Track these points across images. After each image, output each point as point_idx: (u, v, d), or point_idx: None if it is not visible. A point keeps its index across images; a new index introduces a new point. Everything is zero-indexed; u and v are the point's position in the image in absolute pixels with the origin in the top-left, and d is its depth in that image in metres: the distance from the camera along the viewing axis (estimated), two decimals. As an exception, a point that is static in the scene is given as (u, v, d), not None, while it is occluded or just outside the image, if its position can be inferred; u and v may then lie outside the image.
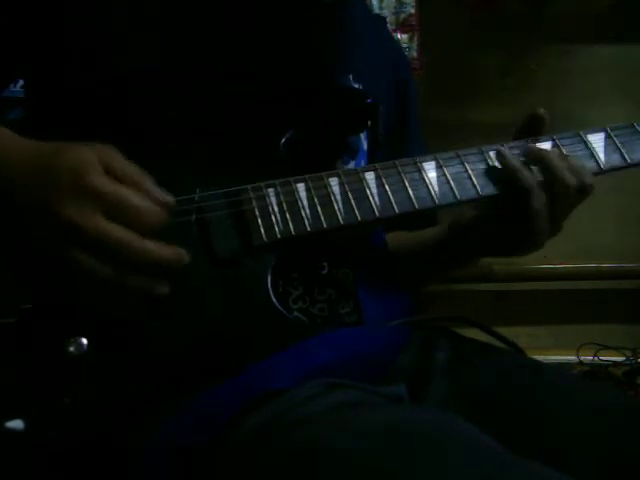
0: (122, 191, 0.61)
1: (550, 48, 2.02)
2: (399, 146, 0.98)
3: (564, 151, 0.78)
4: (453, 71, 2.00)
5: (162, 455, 0.61)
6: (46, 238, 0.60)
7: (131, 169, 0.63)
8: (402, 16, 1.90)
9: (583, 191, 0.75)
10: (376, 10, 1.87)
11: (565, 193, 0.75)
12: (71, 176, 0.60)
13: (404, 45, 1.87)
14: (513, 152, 0.77)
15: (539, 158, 0.76)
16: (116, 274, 0.60)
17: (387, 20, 1.85)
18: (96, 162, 0.61)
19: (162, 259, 0.62)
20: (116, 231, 0.60)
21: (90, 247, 0.59)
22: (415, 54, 1.90)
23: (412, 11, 1.90)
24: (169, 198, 0.64)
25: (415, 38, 1.90)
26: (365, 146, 0.88)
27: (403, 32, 1.90)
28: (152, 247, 0.61)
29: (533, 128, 0.79)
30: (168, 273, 0.63)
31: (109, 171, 0.61)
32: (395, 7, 1.90)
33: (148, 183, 0.63)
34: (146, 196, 0.62)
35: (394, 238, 0.96)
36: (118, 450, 0.62)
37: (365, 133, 0.87)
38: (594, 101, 1.99)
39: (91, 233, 0.59)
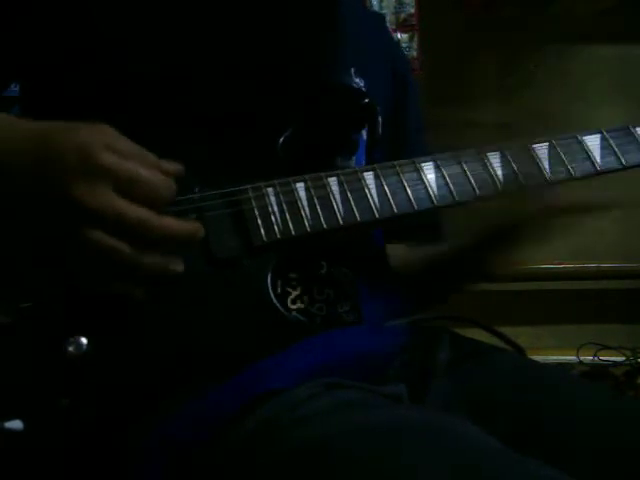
0: (132, 167, 0.60)
1: (550, 48, 2.02)
2: (399, 143, 0.98)
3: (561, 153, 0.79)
4: (453, 71, 2.00)
5: (162, 455, 0.61)
6: (56, 224, 0.59)
7: (134, 146, 0.62)
8: (402, 16, 1.90)
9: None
10: (376, 10, 1.87)
11: None
12: (77, 156, 0.58)
13: (404, 45, 1.87)
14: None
15: None
16: (134, 251, 0.60)
17: (387, 20, 1.85)
18: (100, 141, 0.60)
19: (181, 233, 0.62)
20: (133, 209, 0.59)
21: (110, 227, 0.58)
22: (415, 54, 1.90)
23: (412, 11, 1.90)
24: (176, 166, 0.64)
25: (415, 38, 1.90)
26: (364, 142, 0.88)
27: (403, 32, 1.90)
28: (170, 222, 0.61)
29: None
30: (185, 248, 0.63)
31: (113, 150, 0.60)
32: (395, 7, 1.90)
33: (152, 157, 0.62)
34: (155, 170, 0.61)
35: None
36: (118, 450, 0.62)
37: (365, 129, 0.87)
38: (594, 101, 1.99)
39: (109, 213, 0.58)
